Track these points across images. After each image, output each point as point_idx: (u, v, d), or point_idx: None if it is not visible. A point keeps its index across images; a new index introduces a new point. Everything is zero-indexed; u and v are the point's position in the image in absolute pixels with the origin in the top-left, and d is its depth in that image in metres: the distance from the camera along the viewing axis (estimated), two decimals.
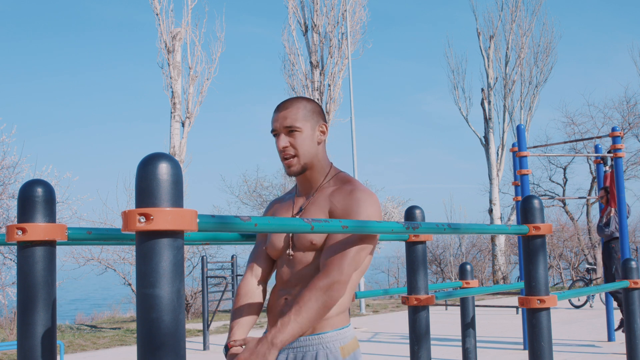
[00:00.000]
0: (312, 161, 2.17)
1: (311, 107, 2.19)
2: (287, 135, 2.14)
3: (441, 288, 8.32)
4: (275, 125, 2.15)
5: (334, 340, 2.06)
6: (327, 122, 2.25)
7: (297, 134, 2.13)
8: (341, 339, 2.08)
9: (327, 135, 2.22)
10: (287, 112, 2.14)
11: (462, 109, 24.08)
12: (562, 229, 24.78)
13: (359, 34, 19.23)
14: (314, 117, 2.18)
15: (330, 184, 2.18)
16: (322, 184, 2.19)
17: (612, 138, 8.05)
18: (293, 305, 1.94)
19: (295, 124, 2.13)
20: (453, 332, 9.95)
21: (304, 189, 2.23)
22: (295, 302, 1.95)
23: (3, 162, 12.59)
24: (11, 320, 12.48)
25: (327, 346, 2.05)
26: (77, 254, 15.27)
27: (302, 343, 2.07)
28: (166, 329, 1.28)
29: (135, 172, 1.34)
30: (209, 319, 10.11)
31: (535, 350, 2.71)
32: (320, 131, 2.19)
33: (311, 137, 2.16)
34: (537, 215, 2.73)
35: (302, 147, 2.14)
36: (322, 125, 2.20)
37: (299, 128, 2.13)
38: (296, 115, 2.14)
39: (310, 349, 2.06)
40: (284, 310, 2.11)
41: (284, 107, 2.16)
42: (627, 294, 4.14)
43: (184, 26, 16.08)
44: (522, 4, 23.94)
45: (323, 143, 2.21)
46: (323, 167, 2.21)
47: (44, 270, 1.80)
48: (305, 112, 2.16)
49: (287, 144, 2.13)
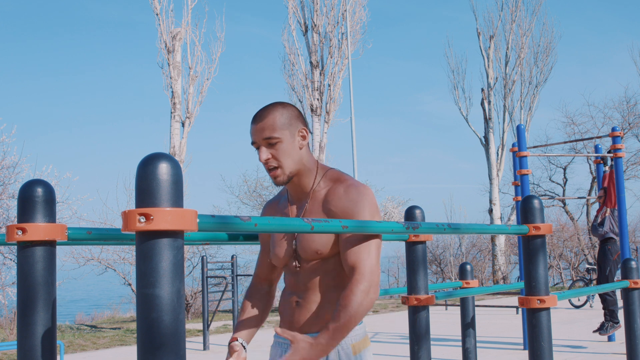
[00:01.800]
0: (298, 168, 2.11)
1: (288, 114, 2.10)
2: (268, 147, 2.07)
3: (441, 288, 8.33)
4: (254, 138, 2.09)
5: (346, 338, 2.07)
6: (306, 124, 2.18)
7: (277, 144, 2.06)
8: (353, 337, 2.09)
9: (308, 139, 2.15)
10: (263, 123, 2.07)
11: (462, 109, 24.09)
12: (562, 229, 24.78)
13: (359, 34, 19.23)
14: (292, 124, 2.10)
15: (321, 186, 2.14)
16: (313, 187, 2.15)
17: (612, 138, 8.05)
18: (339, 310, 1.95)
19: (274, 134, 2.05)
20: (453, 332, 9.95)
21: (296, 194, 2.19)
22: (339, 306, 1.96)
23: (3, 162, 12.59)
24: (11, 320, 12.48)
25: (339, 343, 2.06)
26: (77, 254, 15.28)
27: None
28: (166, 329, 1.28)
29: (135, 172, 1.34)
30: (209, 319, 10.11)
31: (535, 350, 2.71)
32: (301, 136, 2.12)
33: (292, 145, 2.09)
34: (537, 215, 2.73)
35: (284, 156, 2.07)
36: (302, 130, 2.12)
37: (277, 138, 2.06)
38: (273, 125, 2.06)
39: None
40: (295, 313, 2.14)
41: (260, 119, 2.08)
42: (627, 294, 4.14)
43: (184, 26, 16.07)
44: (522, 4, 23.94)
45: (306, 147, 2.14)
46: (310, 170, 2.15)
47: (44, 270, 1.80)
48: (282, 120, 2.07)
49: (269, 156, 2.07)
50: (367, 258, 2.00)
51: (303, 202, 2.17)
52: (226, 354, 2.13)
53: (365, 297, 1.95)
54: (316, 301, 2.11)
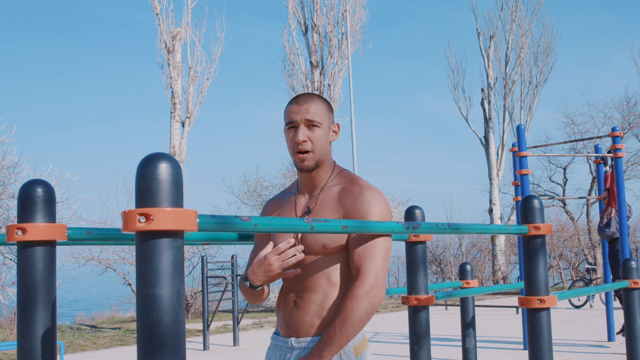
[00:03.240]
0: (324, 159, 2.15)
1: (328, 106, 2.18)
2: (307, 129, 2.11)
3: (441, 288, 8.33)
4: (294, 117, 2.11)
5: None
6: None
7: (316, 129, 2.11)
8: (354, 339, 2.08)
9: (338, 137, 2.21)
10: (309, 105, 2.11)
11: (462, 109, 24.10)
12: (562, 229, 24.79)
13: (359, 34, 19.24)
14: (330, 116, 2.17)
15: (334, 182, 2.16)
16: (327, 182, 2.17)
17: (612, 138, 8.05)
18: (336, 316, 1.96)
19: (317, 118, 2.11)
20: (453, 332, 9.95)
21: (307, 187, 2.20)
22: (338, 312, 1.97)
23: (3, 162, 12.59)
24: (11, 320, 12.48)
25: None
26: (77, 254, 15.28)
27: (315, 343, 2.06)
28: (166, 329, 1.28)
29: (135, 172, 1.34)
30: (209, 319, 10.11)
31: (535, 350, 2.71)
32: (334, 131, 2.19)
33: (327, 135, 2.15)
34: (537, 215, 2.73)
35: (318, 142, 2.12)
36: (336, 125, 2.20)
37: (319, 123, 2.11)
38: (317, 110, 2.12)
39: None
40: (293, 314, 2.12)
41: (306, 101, 2.13)
42: (627, 294, 4.14)
43: (184, 26, 16.08)
44: (522, 4, 23.95)
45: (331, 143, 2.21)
46: (330, 167, 2.19)
47: (44, 270, 1.80)
48: (325, 109, 2.15)
49: (307, 138, 2.10)
50: (372, 260, 2.00)
51: (314, 193, 2.18)
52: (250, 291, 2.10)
53: (365, 302, 1.95)
54: (315, 302, 2.08)
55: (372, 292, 1.97)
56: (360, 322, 1.95)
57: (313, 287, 2.08)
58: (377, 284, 1.98)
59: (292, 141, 2.11)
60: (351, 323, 1.94)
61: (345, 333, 1.94)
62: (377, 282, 1.98)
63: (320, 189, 2.16)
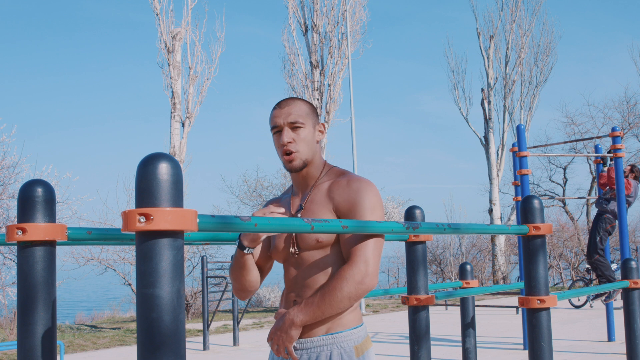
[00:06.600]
0: (312, 158, 2.20)
1: (311, 107, 2.25)
2: (291, 131, 2.16)
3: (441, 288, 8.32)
4: (278, 121, 2.17)
5: (347, 340, 2.07)
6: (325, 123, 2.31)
7: (300, 129, 2.16)
8: (355, 339, 2.09)
9: (324, 136, 2.26)
10: (290, 108, 2.18)
11: (462, 109, 24.09)
12: (562, 229, 24.78)
13: (359, 34, 19.23)
14: (313, 117, 2.23)
15: (324, 179, 2.21)
16: (318, 180, 2.22)
17: (612, 138, 8.05)
18: (319, 289, 2.02)
19: (299, 119, 2.16)
20: (453, 332, 9.95)
21: (300, 187, 2.25)
22: (322, 286, 2.03)
23: (3, 162, 12.59)
24: (11, 320, 12.48)
25: (341, 345, 2.06)
26: (77, 254, 15.27)
27: (316, 343, 2.07)
28: (166, 329, 1.28)
29: (135, 172, 1.34)
30: (209, 319, 10.11)
31: (535, 350, 2.71)
32: (319, 130, 2.24)
33: (312, 135, 2.20)
34: (537, 215, 2.73)
35: (303, 142, 2.17)
36: (321, 125, 2.26)
37: (302, 124, 2.16)
38: (299, 111, 2.17)
39: (324, 349, 2.07)
40: None
41: (287, 104, 2.19)
42: (627, 294, 4.14)
43: (184, 26, 16.07)
44: (522, 4, 23.94)
45: (319, 143, 2.26)
46: (319, 165, 2.24)
47: (44, 270, 1.80)
48: (307, 110, 2.21)
49: (291, 139, 2.15)
50: (363, 247, 2.03)
51: (306, 193, 2.23)
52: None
53: (350, 285, 1.98)
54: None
55: (359, 277, 1.99)
56: (340, 303, 1.99)
57: (312, 285, 2.10)
58: (366, 271, 2.00)
59: (278, 144, 2.17)
60: (330, 301, 1.98)
61: (321, 308, 1.99)
62: (366, 269, 2.00)
63: (312, 187, 2.21)
